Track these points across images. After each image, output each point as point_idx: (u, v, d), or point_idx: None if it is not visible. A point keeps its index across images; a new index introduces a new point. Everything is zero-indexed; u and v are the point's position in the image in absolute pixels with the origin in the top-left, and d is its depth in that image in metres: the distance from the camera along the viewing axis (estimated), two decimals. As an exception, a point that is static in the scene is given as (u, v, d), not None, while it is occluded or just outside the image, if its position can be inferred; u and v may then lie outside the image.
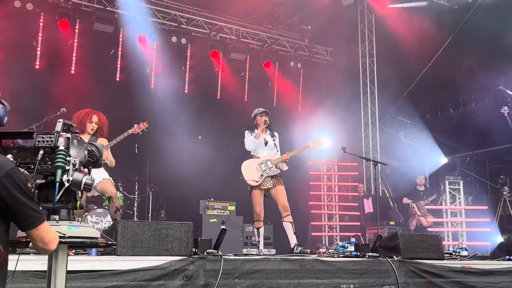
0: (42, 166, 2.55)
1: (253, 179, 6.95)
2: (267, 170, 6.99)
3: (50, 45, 10.45)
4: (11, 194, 2.20)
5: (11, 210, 2.23)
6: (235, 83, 12.53)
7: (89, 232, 2.66)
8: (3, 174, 2.19)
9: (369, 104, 12.73)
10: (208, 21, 12.08)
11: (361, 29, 12.97)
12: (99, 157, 2.75)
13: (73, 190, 2.57)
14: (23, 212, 2.25)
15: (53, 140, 2.57)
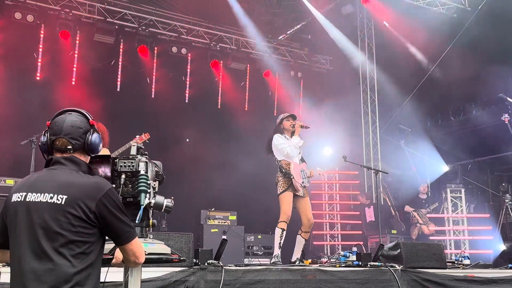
0: (123, 189, 2.76)
1: (300, 182, 6.71)
2: (305, 180, 6.84)
3: (51, 56, 10.49)
4: (111, 212, 2.41)
5: (110, 227, 2.43)
6: (235, 93, 12.55)
7: (163, 248, 2.90)
8: (103, 194, 2.40)
9: (370, 112, 12.73)
10: (208, 31, 12.12)
11: (361, 37, 13.00)
12: (163, 175, 2.99)
13: (147, 210, 2.78)
14: (120, 228, 2.45)
15: (134, 165, 2.78)
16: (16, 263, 2.36)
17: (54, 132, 2.51)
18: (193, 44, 11.96)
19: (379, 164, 12.20)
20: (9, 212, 2.43)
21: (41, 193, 2.38)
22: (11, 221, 2.41)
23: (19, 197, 2.41)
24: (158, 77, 11.53)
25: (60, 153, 2.50)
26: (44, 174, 2.46)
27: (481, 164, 12.42)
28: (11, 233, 2.42)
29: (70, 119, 2.53)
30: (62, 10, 10.50)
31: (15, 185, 2.51)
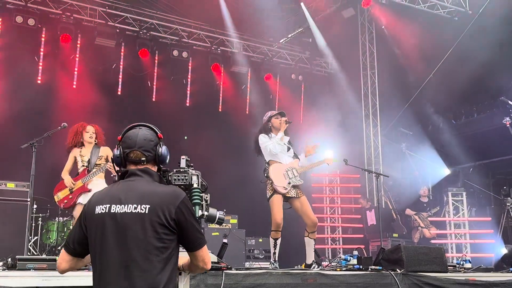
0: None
1: (283, 185, 6.30)
2: (293, 179, 6.37)
3: (52, 60, 10.52)
4: (186, 219, 2.55)
5: (186, 233, 2.57)
6: (236, 96, 12.57)
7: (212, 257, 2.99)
8: (180, 201, 2.55)
9: (371, 115, 12.73)
10: (209, 35, 12.15)
11: (362, 41, 13.01)
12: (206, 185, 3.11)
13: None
14: (194, 234, 2.60)
15: (187, 179, 2.93)
16: (104, 272, 2.48)
17: (128, 145, 2.68)
18: (194, 47, 11.98)
19: (380, 167, 12.19)
20: (92, 223, 2.55)
21: (125, 204, 2.52)
22: (96, 232, 2.53)
23: (103, 209, 2.53)
24: (159, 80, 11.55)
25: (134, 165, 2.67)
26: (123, 186, 2.61)
27: (483, 168, 12.39)
28: (95, 243, 2.52)
29: (142, 133, 2.72)
30: (63, 13, 10.53)
31: (95, 197, 2.64)
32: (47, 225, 9.15)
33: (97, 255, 2.51)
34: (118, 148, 2.71)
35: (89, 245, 2.56)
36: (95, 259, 2.53)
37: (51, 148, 7.66)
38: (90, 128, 6.56)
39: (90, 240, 2.55)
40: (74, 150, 6.49)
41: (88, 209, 2.59)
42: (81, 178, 6.30)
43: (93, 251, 2.54)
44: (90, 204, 2.60)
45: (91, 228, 2.55)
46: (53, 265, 4.24)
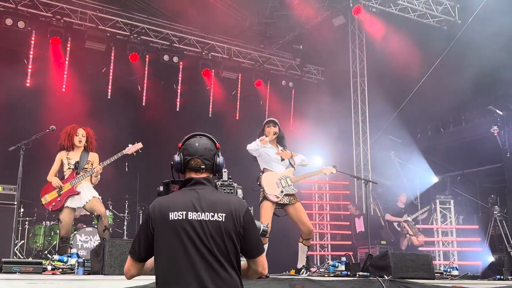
0: None
1: (274, 194, 6.27)
2: (286, 187, 6.35)
3: (41, 63, 10.45)
4: (251, 226, 2.70)
5: (250, 238, 2.70)
6: (226, 102, 12.57)
7: None
8: (245, 210, 2.70)
9: (360, 123, 12.77)
10: (200, 40, 12.16)
11: (352, 49, 13.07)
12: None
13: None
14: (256, 241, 2.74)
15: (233, 192, 3.01)
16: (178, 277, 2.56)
17: (189, 153, 2.81)
18: (185, 52, 11.97)
19: (369, 174, 12.23)
20: (166, 229, 2.61)
21: (201, 212, 2.63)
22: (170, 237, 2.60)
23: (179, 216, 2.61)
24: (149, 85, 11.53)
25: (194, 172, 2.79)
26: (193, 194, 2.70)
27: (470, 176, 12.47)
28: (168, 248, 2.60)
29: (203, 142, 2.86)
30: (54, 17, 10.49)
31: (163, 204, 2.68)
32: (34, 229, 9.08)
33: (169, 259, 2.59)
34: (179, 155, 2.83)
35: (158, 249, 2.62)
36: (165, 263, 2.59)
37: (39, 152, 7.61)
38: (80, 131, 6.49)
39: (160, 245, 2.62)
40: (62, 152, 6.41)
41: (159, 215, 2.64)
42: (69, 180, 6.23)
43: (164, 255, 2.60)
44: (160, 211, 2.64)
45: (163, 233, 2.62)
46: (39, 269, 4.21)
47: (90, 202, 6.15)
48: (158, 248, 2.62)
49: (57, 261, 4.76)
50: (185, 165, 2.81)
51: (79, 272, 4.41)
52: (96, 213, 6.12)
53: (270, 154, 6.45)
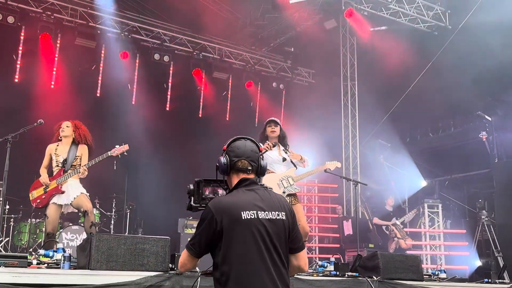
0: None
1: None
2: (288, 188, 6.31)
3: (31, 59, 10.35)
4: (294, 222, 2.88)
5: (296, 236, 2.88)
6: (217, 102, 12.53)
7: None
8: (290, 207, 2.91)
9: (350, 126, 12.77)
10: (191, 40, 12.11)
11: (343, 52, 13.08)
12: None
13: None
14: (299, 236, 2.92)
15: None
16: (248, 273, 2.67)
17: (236, 154, 2.93)
18: (176, 52, 11.92)
19: (358, 178, 12.20)
20: (238, 227, 2.71)
21: (268, 211, 2.80)
22: (241, 235, 2.70)
23: (251, 215, 2.74)
24: (140, 83, 11.46)
25: (241, 173, 2.92)
26: (254, 194, 2.85)
27: (458, 181, 12.53)
28: (238, 245, 2.69)
29: (250, 145, 2.97)
30: (44, 12, 10.41)
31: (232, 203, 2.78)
32: (19, 227, 8.97)
33: (243, 256, 2.69)
34: (224, 157, 2.95)
35: (229, 246, 2.70)
36: (239, 260, 2.68)
37: (26, 148, 7.51)
38: (63, 124, 6.37)
39: (231, 242, 2.70)
40: (50, 146, 6.31)
41: (228, 214, 2.73)
42: (56, 178, 6.14)
43: (238, 252, 2.69)
44: (228, 210, 2.74)
45: (235, 232, 2.71)
46: (24, 263, 4.12)
47: (77, 198, 6.06)
48: (229, 245, 2.70)
49: (43, 256, 4.67)
50: (231, 167, 2.93)
51: (65, 267, 4.32)
52: (82, 209, 6.02)
53: (272, 156, 6.36)
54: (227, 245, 2.69)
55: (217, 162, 2.99)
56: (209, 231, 2.73)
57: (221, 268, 2.69)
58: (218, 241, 2.71)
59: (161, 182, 10.44)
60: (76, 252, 4.82)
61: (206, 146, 11.54)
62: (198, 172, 11.12)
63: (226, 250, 2.69)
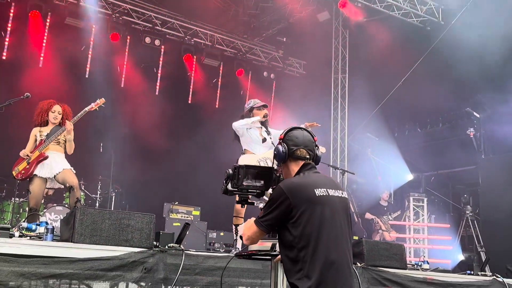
0: None
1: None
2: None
3: (19, 36, 10.18)
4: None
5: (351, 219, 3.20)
6: (207, 89, 12.45)
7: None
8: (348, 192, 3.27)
9: (339, 119, 12.78)
10: (183, 25, 12.01)
11: (335, 45, 13.06)
12: None
13: None
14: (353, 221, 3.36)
15: None
16: (324, 244, 2.91)
17: (295, 143, 3.16)
18: (167, 36, 11.82)
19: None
20: (313, 203, 2.96)
21: (335, 189, 3.07)
22: (317, 210, 2.95)
23: (323, 192, 3.00)
24: (129, 66, 11.35)
25: (300, 160, 3.15)
26: (318, 176, 3.13)
27: (444, 177, 12.61)
28: (313, 219, 2.93)
29: (307, 135, 3.20)
30: (34, -10, 10.22)
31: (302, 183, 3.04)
32: (2, 206, 8.85)
33: (314, 230, 2.91)
34: (282, 145, 3.16)
35: (305, 221, 2.92)
36: (310, 233, 2.91)
37: (10, 127, 7.40)
38: (56, 108, 6.25)
39: (307, 217, 2.93)
40: (35, 129, 6.21)
41: (301, 193, 2.97)
42: (37, 148, 6.05)
43: (309, 226, 2.92)
44: (300, 189, 2.99)
45: (310, 207, 2.95)
46: (6, 234, 4.07)
47: (62, 173, 5.97)
48: (307, 222, 2.92)
49: (25, 229, 4.61)
50: (290, 155, 3.15)
51: (48, 239, 4.26)
52: (68, 184, 5.93)
53: (252, 135, 6.33)
54: (305, 221, 2.92)
55: (275, 150, 3.20)
56: (282, 209, 2.95)
57: (298, 244, 2.91)
58: (290, 218, 2.94)
59: (147, 166, 10.37)
60: (60, 227, 4.76)
61: (195, 132, 11.51)
62: (185, 156, 11.12)
63: (303, 227, 2.92)
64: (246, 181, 3.30)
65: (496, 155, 10.39)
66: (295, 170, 3.16)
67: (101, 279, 4.10)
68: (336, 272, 2.91)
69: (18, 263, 3.77)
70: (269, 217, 3.00)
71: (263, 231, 3.05)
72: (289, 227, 2.95)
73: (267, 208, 3.03)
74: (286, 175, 3.23)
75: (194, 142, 11.19)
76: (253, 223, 3.09)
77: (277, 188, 3.04)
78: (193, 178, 10.60)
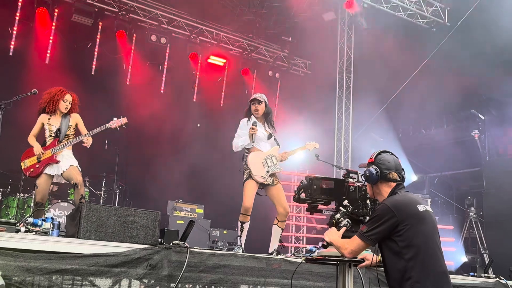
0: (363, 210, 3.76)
1: (261, 174, 6.19)
2: (272, 167, 6.29)
3: (26, 33, 10.22)
4: None
5: None
6: (212, 88, 12.46)
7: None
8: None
9: (344, 119, 12.78)
10: (189, 23, 12.03)
11: (340, 45, 13.06)
12: None
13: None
14: None
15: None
16: (429, 256, 3.32)
17: (387, 167, 3.56)
18: (173, 34, 11.84)
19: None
20: (417, 219, 3.37)
21: (425, 205, 3.49)
22: (421, 225, 3.36)
23: (423, 208, 3.45)
24: (135, 64, 11.37)
25: (392, 182, 3.54)
26: (411, 195, 3.58)
27: (447, 178, 12.59)
28: (419, 233, 3.33)
29: (396, 159, 3.64)
30: (41, -14, 10.25)
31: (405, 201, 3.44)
32: (7, 201, 8.88)
33: (421, 242, 3.31)
34: (375, 168, 3.54)
35: (408, 236, 3.31)
36: (417, 245, 3.30)
37: (18, 120, 7.41)
38: (68, 97, 6.22)
39: (413, 231, 3.32)
40: (43, 116, 6.19)
41: (405, 209, 3.37)
42: (50, 148, 6.06)
43: (415, 239, 3.30)
44: (405, 206, 3.38)
45: (415, 222, 3.35)
46: (12, 229, 4.09)
47: (68, 170, 6.00)
48: (413, 235, 3.31)
49: (31, 224, 4.64)
50: (382, 177, 3.52)
51: (54, 234, 4.29)
52: (72, 182, 5.96)
53: (258, 133, 6.36)
54: (411, 235, 3.29)
55: (367, 172, 3.54)
56: (389, 225, 3.32)
57: (406, 255, 3.28)
58: (395, 232, 3.31)
59: (151, 164, 10.40)
60: (65, 222, 4.79)
61: (199, 130, 11.54)
62: (190, 154, 11.14)
63: (410, 239, 3.29)
64: (319, 191, 3.65)
65: (501, 157, 10.37)
66: (387, 191, 3.53)
67: (106, 275, 4.13)
68: (448, 281, 3.36)
69: (24, 258, 3.80)
70: (376, 231, 3.35)
71: (369, 244, 3.40)
72: (395, 239, 3.33)
73: (372, 223, 3.37)
74: (376, 195, 3.61)
75: (199, 140, 11.21)
76: (356, 237, 3.41)
77: (383, 206, 3.39)
78: (197, 176, 10.62)
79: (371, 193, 3.65)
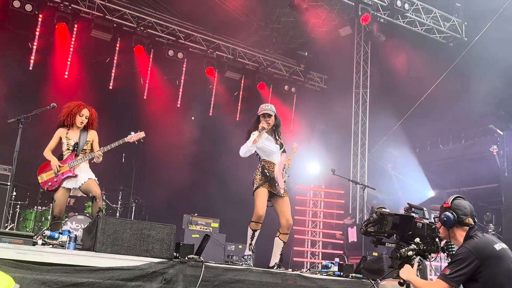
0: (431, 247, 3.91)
1: (282, 186, 6.21)
2: (285, 176, 6.32)
3: (46, 48, 10.40)
4: None
5: None
6: (228, 102, 12.53)
7: None
8: None
9: (360, 134, 12.75)
10: (206, 38, 12.14)
11: (357, 60, 13.09)
12: None
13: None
14: None
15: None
16: None
17: (464, 213, 3.77)
18: (190, 49, 11.96)
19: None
20: (496, 259, 3.56)
21: (500, 242, 3.69)
22: (500, 263, 3.55)
23: (499, 247, 3.63)
24: (152, 78, 11.50)
25: (466, 226, 3.74)
26: (486, 235, 3.76)
27: (466, 194, 12.35)
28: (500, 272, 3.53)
29: (471, 205, 3.85)
30: (62, 3, 10.44)
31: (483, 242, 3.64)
32: (24, 214, 8.97)
33: (504, 280, 3.52)
34: (451, 213, 3.76)
35: (487, 276, 3.52)
36: (500, 284, 3.51)
37: (36, 133, 7.50)
38: (85, 112, 6.25)
39: (492, 270, 3.53)
40: (61, 129, 6.23)
41: (485, 250, 3.57)
42: (67, 162, 6.11)
43: (496, 277, 3.51)
44: (484, 247, 3.58)
45: (494, 262, 3.55)
46: (29, 242, 4.11)
47: (86, 183, 6.03)
48: (493, 272, 3.52)
49: (48, 237, 4.67)
50: (459, 222, 3.74)
51: (70, 247, 4.32)
52: (91, 194, 5.99)
53: (270, 147, 6.31)
54: (493, 274, 3.52)
55: (444, 217, 3.77)
56: (471, 267, 3.52)
57: None
58: (477, 273, 3.52)
59: (167, 177, 10.44)
60: (82, 236, 4.81)
61: (215, 145, 11.57)
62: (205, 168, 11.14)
63: (487, 279, 3.51)
64: (389, 227, 3.77)
65: (520, 173, 10.22)
66: (463, 235, 3.73)
67: (121, 289, 4.13)
68: None
69: (40, 271, 3.82)
70: (459, 274, 3.55)
71: (453, 286, 3.57)
72: (476, 278, 3.54)
73: (456, 266, 3.57)
74: (450, 237, 3.81)
75: (214, 155, 11.25)
76: (439, 280, 3.62)
77: (464, 250, 3.60)
78: (213, 190, 10.63)
79: (445, 235, 3.84)
